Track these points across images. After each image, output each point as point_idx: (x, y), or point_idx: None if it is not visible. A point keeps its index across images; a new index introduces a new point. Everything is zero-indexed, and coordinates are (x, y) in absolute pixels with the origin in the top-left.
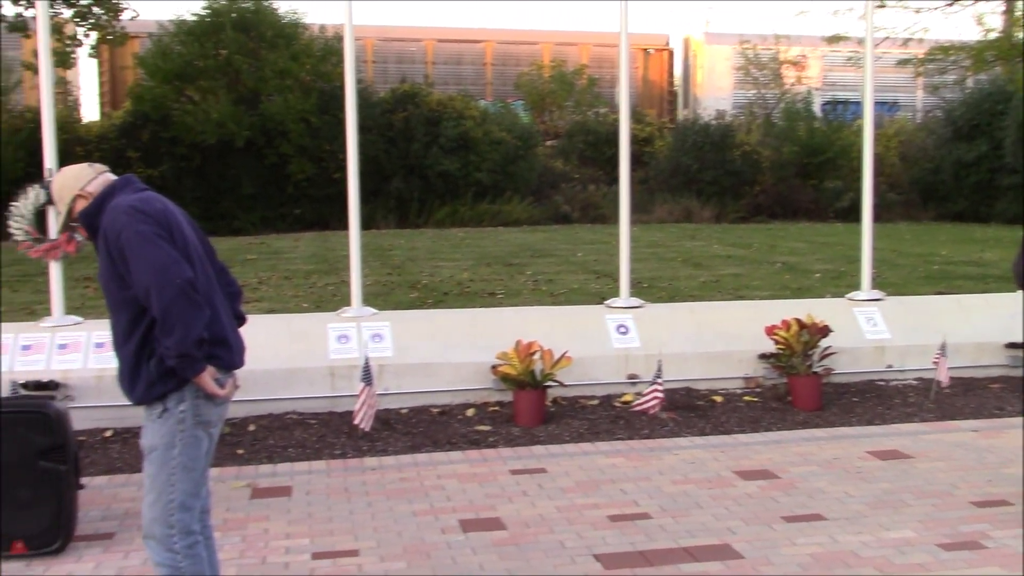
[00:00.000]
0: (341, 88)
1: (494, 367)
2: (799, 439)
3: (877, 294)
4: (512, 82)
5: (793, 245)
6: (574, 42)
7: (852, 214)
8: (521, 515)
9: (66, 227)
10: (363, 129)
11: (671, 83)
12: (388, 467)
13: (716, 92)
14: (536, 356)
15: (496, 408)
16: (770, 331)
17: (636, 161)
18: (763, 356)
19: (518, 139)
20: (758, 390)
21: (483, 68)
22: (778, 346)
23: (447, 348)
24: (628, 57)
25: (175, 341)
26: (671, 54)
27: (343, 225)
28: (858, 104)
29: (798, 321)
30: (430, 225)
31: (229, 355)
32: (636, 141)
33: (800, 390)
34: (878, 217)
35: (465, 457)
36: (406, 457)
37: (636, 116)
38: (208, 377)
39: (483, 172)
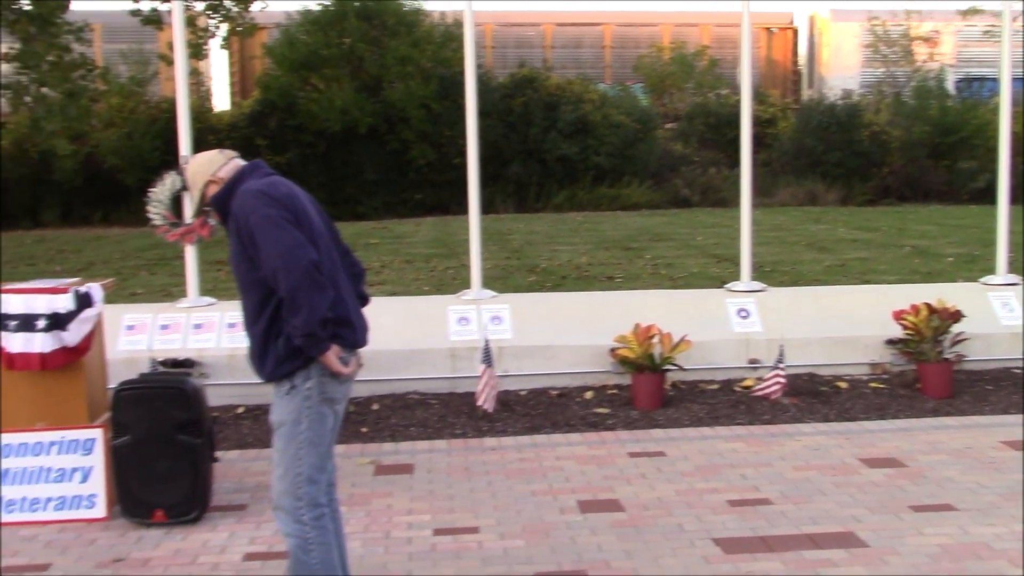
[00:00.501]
0: (461, 74)
1: (613, 350)
2: (928, 427)
3: (1014, 279)
4: (631, 65)
5: (923, 228)
6: (695, 23)
7: (987, 196)
8: (639, 498)
9: (199, 211)
10: (482, 114)
11: (795, 63)
12: (507, 447)
13: (843, 71)
14: (655, 339)
15: (615, 391)
16: (898, 316)
17: (758, 143)
18: (891, 342)
19: (637, 122)
20: (885, 377)
21: (602, 51)
22: (907, 331)
23: (566, 331)
24: (750, 37)
25: (301, 321)
26: (796, 33)
27: (463, 210)
28: (995, 81)
29: (928, 306)
30: (548, 209)
31: (353, 335)
32: (758, 122)
33: (930, 377)
34: (1016, 199)
35: (583, 439)
36: (525, 438)
37: (759, 97)
38: (333, 356)
39: (601, 156)
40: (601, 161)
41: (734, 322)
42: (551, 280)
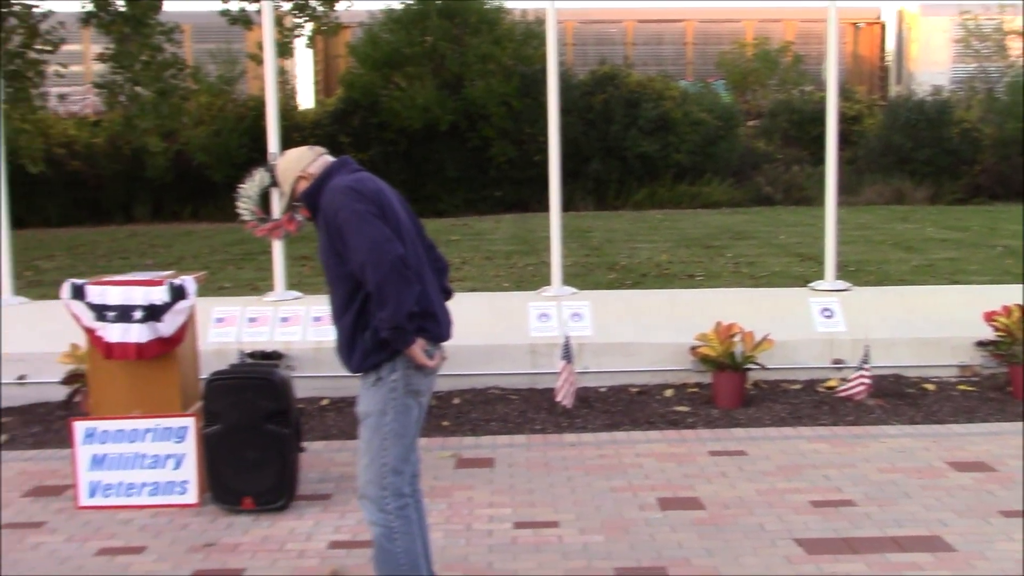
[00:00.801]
0: (542, 71)
1: (693, 348)
2: (1019, 431)
3: None
4: (713, 61)
5: (1016, 228)
6: (779, 18)
7: None
8: (720, 496)
9: (289, 207)
10: (562, 111)
11: (883, 58)
12: (587, 444)
13: (932, 67)
14: (736, 338)
15: (695, 389)
16: (989, 317)
17: (844, 140)
18: (981, 343)
19: (719, 119)
20: (974, 379)
21: (683, 48)
22: (998, 333)
23: (646, 328)
24: (837, 32)
25: (388, 314)
26: (883, 28)
27: (543, 207)
28: None
29: (1021, 307)
30: (628, 207)
31: (437, 328)
32: (844, 119)
33: (1022, 380)
34: None
35: (663, 437)
36: (604, 435)
37: (845, 93)
38: (418, 349)
39: (682, 153)
40: (682, 159)
41: (817, 321)
42: (631, 278)
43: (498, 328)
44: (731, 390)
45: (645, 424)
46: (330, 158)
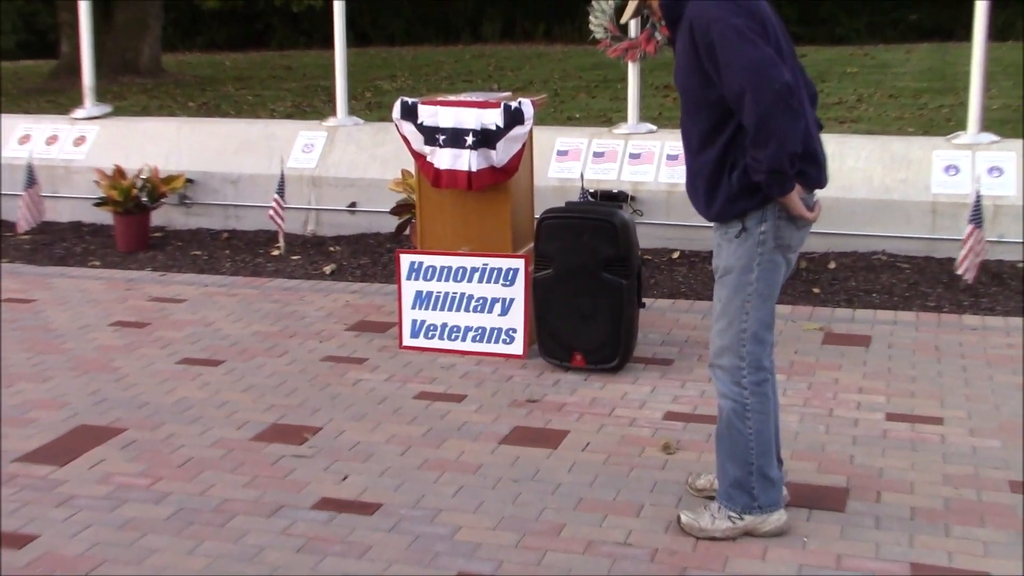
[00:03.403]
0: None
1: None
2: None
3: None
4: None
5: None
6: None
7: None
8: None
9: (638, 11)
10: None
11: None
12: (993, 328)
13: None
14: None
15: None
16: None
17: None
18: None
19: None
20: None
21: None
22: None
23: None
24: None
25: (769, 154)
26: None
27: (969, 35)
28: None
29: None
30: None
31: (818, 173)
32: None
33: None
34: None
35: None
36: (1017, 320)
37: None
38: (796, 197)
39: None
40: None
41: None
42: None
43: (892, 180)
44: None
45: None
46: None
